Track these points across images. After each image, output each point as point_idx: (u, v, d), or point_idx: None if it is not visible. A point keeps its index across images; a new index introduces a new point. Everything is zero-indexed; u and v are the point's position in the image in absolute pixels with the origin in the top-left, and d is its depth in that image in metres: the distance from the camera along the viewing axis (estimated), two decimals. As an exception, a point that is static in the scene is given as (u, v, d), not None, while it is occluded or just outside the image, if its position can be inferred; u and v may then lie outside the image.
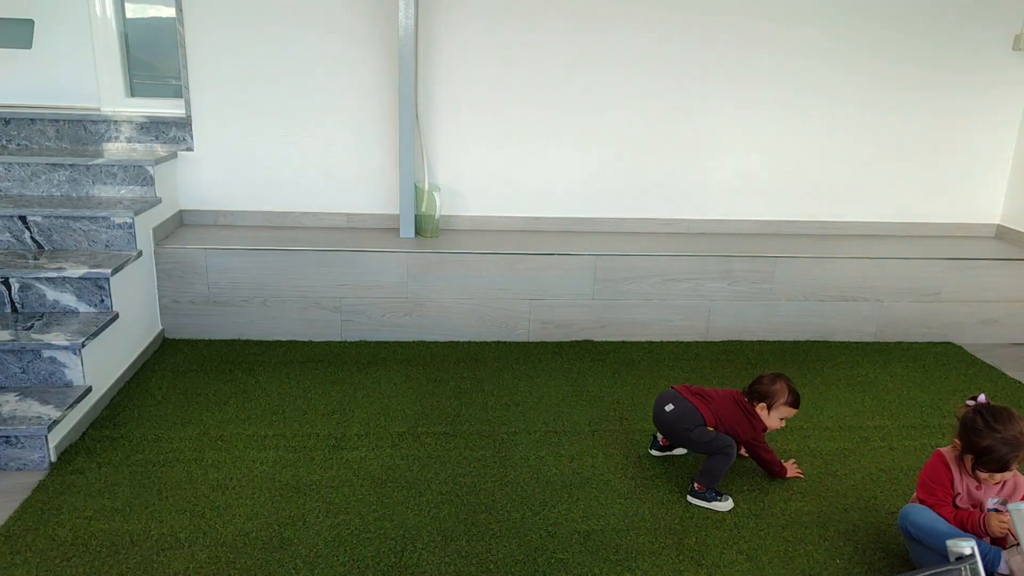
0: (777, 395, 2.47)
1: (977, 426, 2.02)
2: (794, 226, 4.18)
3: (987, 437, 1.99)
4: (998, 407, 2.05)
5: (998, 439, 1.98)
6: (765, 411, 2.48)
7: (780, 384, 2.48)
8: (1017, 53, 4.04)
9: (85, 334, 2.74)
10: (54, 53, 3.78)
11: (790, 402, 2.47)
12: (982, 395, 2.13)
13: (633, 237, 3.95)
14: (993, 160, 4.22)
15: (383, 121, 3.78)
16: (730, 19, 3.80)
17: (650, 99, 3.88)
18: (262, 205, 3.86)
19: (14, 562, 2.06)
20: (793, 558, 2.22)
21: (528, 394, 3.14)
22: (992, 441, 1.99)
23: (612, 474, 2.59)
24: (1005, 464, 1.99)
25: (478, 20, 3.68)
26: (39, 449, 2.48)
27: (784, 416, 2.50)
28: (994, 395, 3.33)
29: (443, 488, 2.47)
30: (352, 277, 3.52)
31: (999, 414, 2.02)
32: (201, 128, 3.71)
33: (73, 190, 3.39)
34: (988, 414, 2.03)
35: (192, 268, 3.45)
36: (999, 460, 1.99)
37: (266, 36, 3.62)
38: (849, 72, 3.96)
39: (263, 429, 2.78)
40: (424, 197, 3.73)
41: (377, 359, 3.41)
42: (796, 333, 3.83)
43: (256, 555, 2.12)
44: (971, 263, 3.85)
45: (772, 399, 2.47)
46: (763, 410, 2.49)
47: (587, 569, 2.13)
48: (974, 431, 2.02)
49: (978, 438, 2.01)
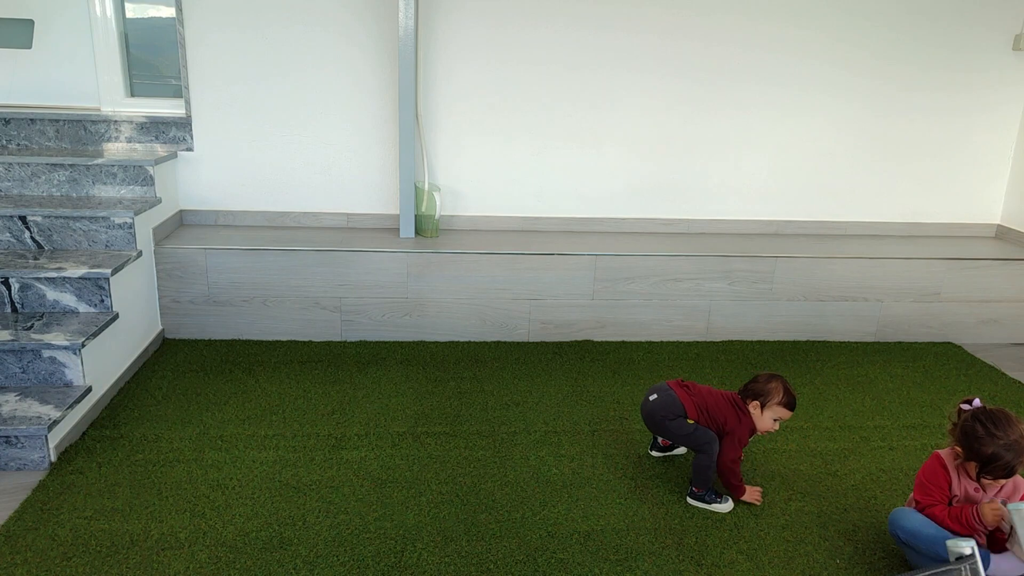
0: (771, 394, 2.41)
1: (978, 434, 1.99)
2: (794, 226, 4.18)
3: (990, 444, 1.97)
4: (995, 411, 2.03)
5: (1001, 446, 1.96)
6: (758, 409, 2.42)
7: (776, 383, 2.42)
8: (1017, 53, 4.05)
9: (85, 334, 2.74)
10: (54, 53, 3.78)
11: (784, 403, 2.41)
12: (976, 399, 2.10)
13: (633, 237, 3.95)
14: (993, 160, 4.22)
15: (383, 121, 3.78)
16: (730, 20, 3.80)
17: (651, 99, 3.88)
18: (262, 205, 3.86)
19: (14, 562, 2.06)
20: (793, 558, 2.22)
21: (528, 394, 3.14)
22: (996, 448, 1.96)
23: (612, 474, 2.59)
24: (1011, 470, 1.98)
25: (478, 20, 3.68)
26: (39, 449, 2.48)
27: (778, 417, 2.43)
28: (994, 395, 3.33)
29: (443, 488, 2.47)
30: (352, 277, 3.52)
31: (998, 420, 2.00)
32: (201, 128, 3.71)
33: (73, 190, 3.39)
34: (987, 420, 2.00)
35: (192, 268, 3.45)
36: (1005, 467, 1.97)
37: (266, 36, 3.62)
38: (849, 72, 3.96)
39: (263, 429, 2.78)
40: (424, 197, 3.73)
41: (377, 359, 3.41)
42: (796, 333, 3.83)
43: (256, 555, 2.12)
44: (971, 263, 3.85)
45: (766, 397, 2.41)
46: (756, 408, 2.42)
47: (587, 569, 2.13)
48: (976, 439, 2.00)
49: (981, 446, 1.98)
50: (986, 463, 1.99)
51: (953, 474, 2.10)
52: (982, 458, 1.99)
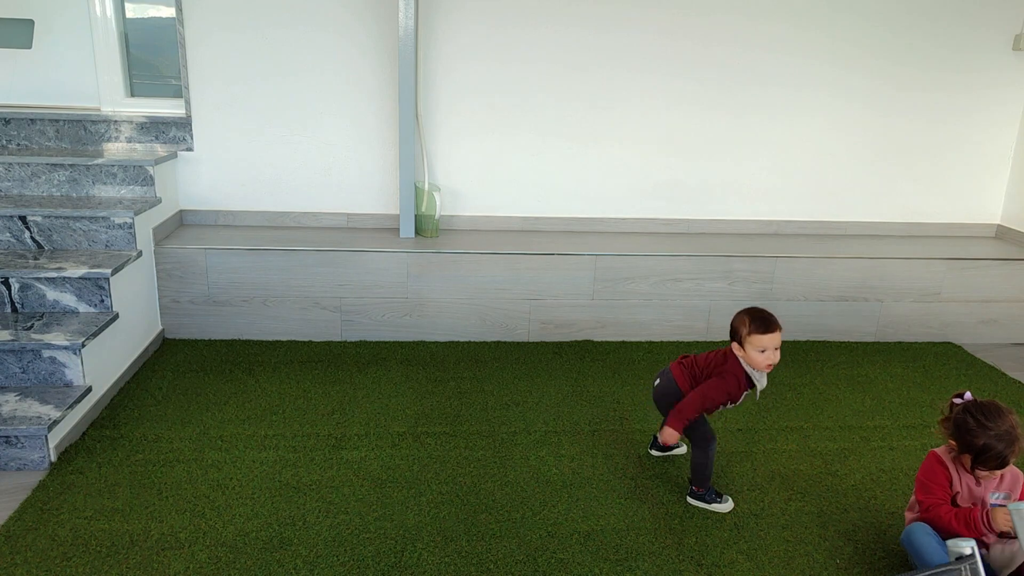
0: (739, 327, 2.29)
1: (969, 426, 2.02)
2: (794, 226, 4.18)
3: (981, 436, 2.00)
4: (986, 403, 2.06)
5: (992, 436, 1.99)
6: (741, 350, 2.31)
7: (741, 316, 2.30)
8: (1017, 53, 4.05)
9: (85, 334, 2.74)
10: (54, 53, 3.78)
11: (756, 329, 2.26)
12: (968, 392, 2.12)
13: (633, 237, 3.95)
14: (993, 160, 4.22)
15: (383, 121, 3.78)
16: (730, 19, 3.79)
17: (651, 99, 3.88)
18: (262, 205, 3.86)
19: (14, 562, 2.06)
20: (793, 558, 2.22)
21: (528, 394, 3.14)
22: (987, 439, 1.99)
23: (612, 474, 2.59)
24: (1004, 460, 2.00)
25: (478, 20, 3.68)
26: (39, 449, 2.48)
27: (761, 347, 2.26)
28: (994, 395, 3.33)
29: (443, 488, 2.47)
30: (352, 277, 3.52)
31: (988, 411, 2.03)
32: (201, 128, 3.71)
33: (73, 190, 3.39)
34: (978, 412, 2.03)
35: (192, 268, 3.45)
36: (997, 457, 1.99)
37: (266, 36, 3.62)
38: (849, 72, 3.96)
39: (263, 429, 2.78)
40: (424, 197, 3.73)
41: (377, 359, 3.41)
42: (796, 333, 3.83)
43: (256, 555, 2.12)
44: (971, 263, 3.85)
45: (738, 335, 2.30)
46: (738, 350, 2.31)
47: (587, 569, 2.13)
48: (967, 431, 2.02)
49: (973, 438, 2.01)
50: (979, 454, 2.01)
51: (952, 469, 2.11)
52: (975, 450, 2.02)
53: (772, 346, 2.27)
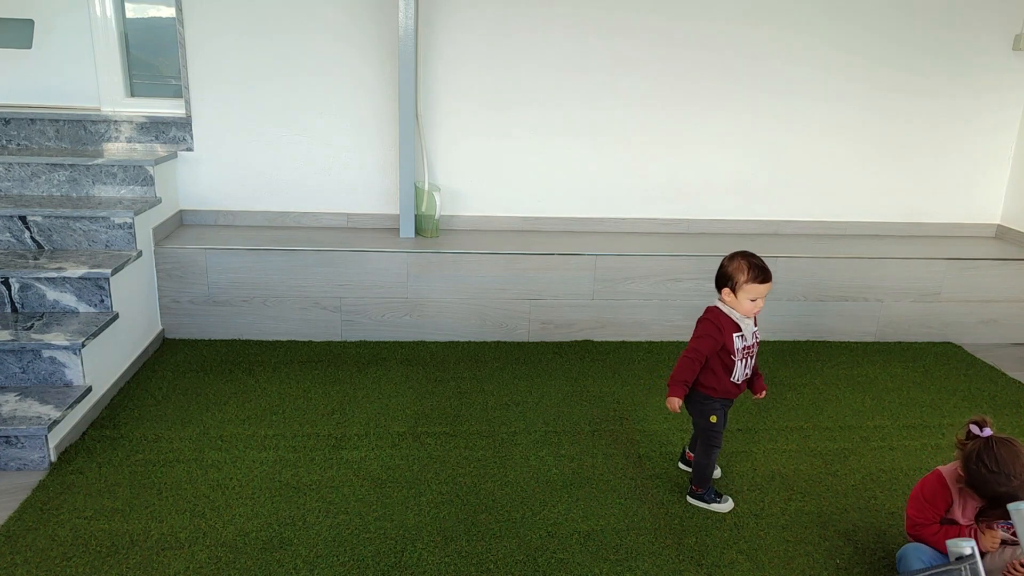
0: (736, 273, 2.21)
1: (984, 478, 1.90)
2: (794, 226, 4.18)
3: (1004, 484, 1.88)
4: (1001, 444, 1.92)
5: (1016, 486, 1.87)
6: (731, 295, 2.24)
7: (738, 261, 2.21)
8: (1017, 54, 4.05)
9: (85, 334, 2.74)
10: (54, 53, 3.78)
11: (755, 278, 2.19)
12: (987, 428, 1.97)
13: (633, 237, 3.95)
14: (993, 160, 4.22)
15: (383, 121, 3.78)
16: (729, 24, 3.79)
17: (651, 100, 3.88)
18: (262, 205, 3.86)
19: (14, 562, 2.06)
20: (793, 558, 2.22)
21: (528, 394, 3.14)
22: (1009, 488, 1.88)
23: (612, 474, 2.59)
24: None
25: (478, 21, 3.68)
26: (39, 449, 2.48)
27: (754, 296, 2.22)
28: (994, 395, 3.33)
29: (443, 488, 2.47)
30: (352, 277, 3.52)
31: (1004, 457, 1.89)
32: (201, 128, 3.71)
33: (73, 190, 3.39)
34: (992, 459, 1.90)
35: (192, 268, 3.45)
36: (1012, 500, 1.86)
37: (266, 36, 3.61)
38: (849, 72, 3.96)
39: (263, 429, 2.78)
40: (424, 197, 3.73)
41: (377, 359, 3.41)
42: (796, 333, 3.83)
43: (256, 555, 2.12)
44: (971, 263, 3.85)
45: (733, 280, 2.22)
46: (728, 295, 2.24)
47: (587, 569, 2.13)
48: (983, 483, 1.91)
49: (997, 486, 1.89)
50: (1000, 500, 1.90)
51: (955, 494, 2.02)
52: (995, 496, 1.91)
53: (763, 295, 2.25)
